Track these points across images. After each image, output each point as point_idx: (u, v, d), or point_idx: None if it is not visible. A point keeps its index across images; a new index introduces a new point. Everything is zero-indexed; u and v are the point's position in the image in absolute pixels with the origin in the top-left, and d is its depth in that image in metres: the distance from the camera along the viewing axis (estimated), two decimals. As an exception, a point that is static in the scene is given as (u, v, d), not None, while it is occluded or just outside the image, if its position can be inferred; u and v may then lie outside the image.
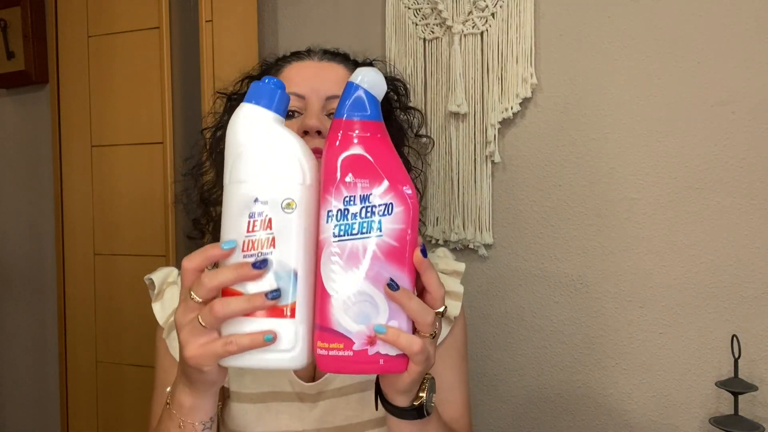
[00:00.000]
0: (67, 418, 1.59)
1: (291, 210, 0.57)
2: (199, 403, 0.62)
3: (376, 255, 0.56)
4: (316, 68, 0.83)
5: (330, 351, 0.56)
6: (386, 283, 0.56)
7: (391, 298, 0.56)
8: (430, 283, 0.58)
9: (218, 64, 1.33)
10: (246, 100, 0.60)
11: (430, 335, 0.58)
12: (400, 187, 0.57)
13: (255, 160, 0.58)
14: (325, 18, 1.37)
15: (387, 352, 0.56)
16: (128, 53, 1.47)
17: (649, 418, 1.11)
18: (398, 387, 0.61)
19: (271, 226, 0.57)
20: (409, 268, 0.57)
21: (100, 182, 1.52)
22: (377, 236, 0.56)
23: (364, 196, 0.57)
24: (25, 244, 1.79)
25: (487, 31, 1.18)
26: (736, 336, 1.00)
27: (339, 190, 0.57)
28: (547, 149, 1.16)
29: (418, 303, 0.57)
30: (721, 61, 1.03)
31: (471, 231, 1.21)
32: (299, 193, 0.58)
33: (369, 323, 0.56)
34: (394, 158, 0.59)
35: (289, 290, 0.56)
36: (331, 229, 0.56)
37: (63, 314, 1.58)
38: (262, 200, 0.57)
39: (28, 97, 1.76)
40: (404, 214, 0.57)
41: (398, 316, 0.57)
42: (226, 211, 0.59)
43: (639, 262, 1.10)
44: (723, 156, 1.04)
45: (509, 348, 1.22)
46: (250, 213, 0.57)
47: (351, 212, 0.56)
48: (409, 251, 0.57)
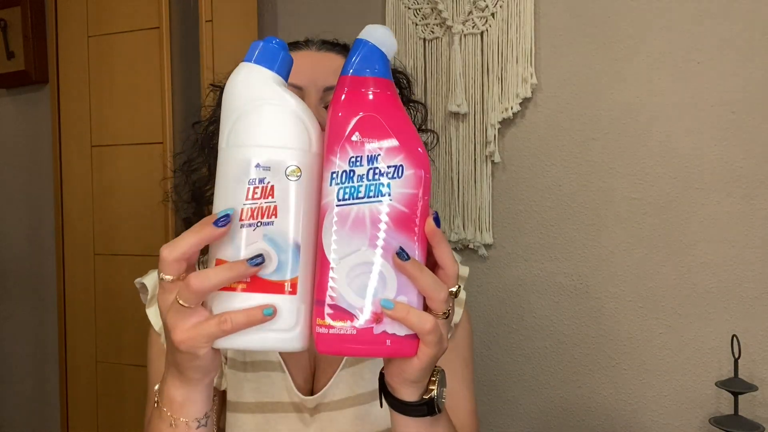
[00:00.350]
0: (67, 418, 1.59)
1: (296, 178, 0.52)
2: (191, 395, 0.56)
3: (385, 222, 0.50)
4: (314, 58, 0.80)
5: (330, 329, 0.50)
6: (395, 252, 0.50)
7: (400, 270, 0.50)
8: (443, 258, 0.52)
9: (218, 64, 1.33)
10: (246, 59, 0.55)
11: (443, 314, 0.51)
12: (411, 148, 0.51)
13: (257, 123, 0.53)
14: (326, 18, 1.37)
15: (395, 331, 0.50)
16: (128, 53, 1.47)
17: (649, 418, 1.11)
18: (407, 375, 0.53)
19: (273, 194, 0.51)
20: (420, 238, 0.51)
21: (100, 182, 1.52)
22: (386, 201, 0.50)
23: (371, 156, 0.51)
24: (25, 244, 1.79)
25: (487, 31, 1.18)
26: (736, 336, 1.00)
27: (344, 150, 0.51)
28: (547, 149, 1.16)
29: (431, 276, 0.50)
30: (721, 61, 1.03)
31: (471, 231, 1.21)
32: (305, 160, 0.53)
33: (375, 297, 0.50)
34: (404, 118, 0.53)
35: (290, 264, 0.51)
36: (335, 192, 0.51)
37: (63, 314, 1.58)
38: (264, 166, 0.51)
39: (28, 97, 1.76)
40: (415, 178, 0.51)
41: (408, 291, 0.50)
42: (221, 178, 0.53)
43: (639, 262, 1.10)
44: (723, 156, 1.04)
45: (509, 348, 1.21)
46: (250, 179, 0.51)
47: (357, 174, 0.51)
48: (421, 219, 0.51)
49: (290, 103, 0.54)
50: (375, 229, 0.50)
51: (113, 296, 1.51)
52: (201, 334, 0.49)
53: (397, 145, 0.51)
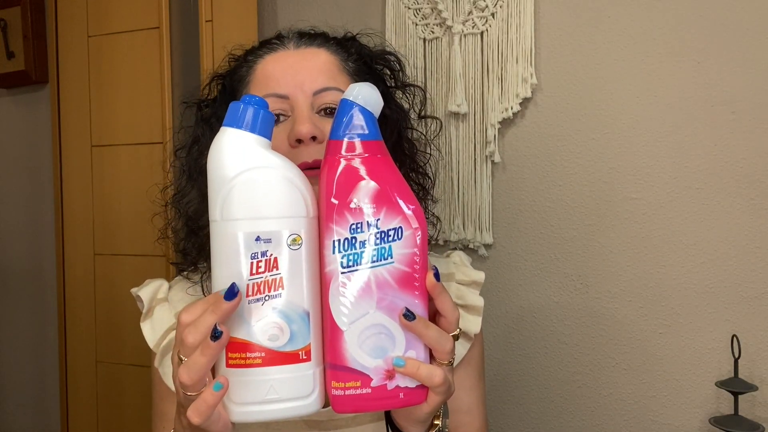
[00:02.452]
0: (67, 418, 1.59)
1: (298, 246, 0.52)
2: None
3: (389, 283, 0.53)
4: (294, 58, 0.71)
5: (346, 390, 0.52)
6: (402, 313, 0.52)
7: (407, 329, 0.53)
8: (444, 307, 0.55)
9: (218, 64, 1.32)
10: (226, 123, 0.54)
11: (448, 363, 0.54)
12: (408, 209, 0.53)
13: (250, 194, 0.52)
14: (325, 18, 1.37)
15: (406, 384, 0.53)
16: (128, 53, 1.47)
17: (649, 418, 1.11)
18: (415, 418, 0.57)
19: (278, 265, 0.51)
20: (422, 293, 0.54)
21: (100, 182, 1.52)
22: (388, 263, 0.52)
23: (371, 222, 0.52)
24: (25, 244, 1.79)
25: (487, 31, 1.18)
26: (736, 336, 1.00)
27: (344, 218, 0.52)
28: (547, 149, 1.16)
29: (436, 331, 0.53)
30: (721, 61, 1.03)
31: (471, 231, 1.21)
32: (305, 227, 0.53)
33: (386, 356, 0.53)
34: (398, 178, 0.55)
35: (304, 332, 0.52)
36: (339, 259, 0.52)
37: (63, 314, 1.58)
38: (265, 238, 0.51)
39: (28, 97, 1.76)
40: (414, 238, 0.53)
41: (415, 346, 0.53)
42: (219, 254, 0.52)
43: (639, 262, 1.10)
44: (723, 156, 1.04)
45: (509, 348, 1.21)
46: (252, 254, 0.51)
47: (359, 240, 0.52)
48: (421, 276, 0.53)
49: (280, 168, 0.54)
50: (381, 292, 0.52)
51: (113, 296, 1.51)
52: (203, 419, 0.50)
53: (394, 208, 0.53)
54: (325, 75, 0.70)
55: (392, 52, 0.83)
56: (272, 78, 0.70)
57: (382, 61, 0.81)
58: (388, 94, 0.79)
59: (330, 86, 0.70)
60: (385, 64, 0.81)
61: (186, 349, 0.50)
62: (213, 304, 0.50)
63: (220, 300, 0.50)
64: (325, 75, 0.70)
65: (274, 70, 0.71)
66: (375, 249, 0.52)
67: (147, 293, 0.80)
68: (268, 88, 0.70)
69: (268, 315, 0.51)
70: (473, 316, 0.78)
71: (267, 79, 0.71)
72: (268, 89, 0.70)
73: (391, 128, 0.76)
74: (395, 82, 0.82)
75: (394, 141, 0.77)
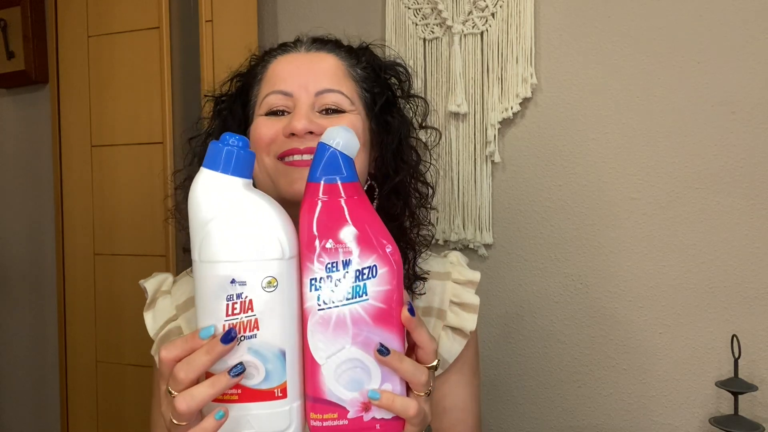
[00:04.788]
0: (67, 418, 1.59)
1: (273, 288, 0.53)
2: None
3: (364, 320, 0.54)
4: (303, 60, 0.77)
5: (324, 422, 0.55)
6: (376, 348, 0.54)
7: (382, 363, 0.55)
8: (420, 339, 0.57)
9: (218, 64, 1.33)
10: (204, 165, 0.55)
11: (425, 394, 0.56)
12: (382, 248, 0.55)
13: (225, 237, 0.53)
14: (325, 18, 1.37)
15: (383, 416, 0.55)
16: (128, 53, 1.47)
17: (649, 418, 1.11)
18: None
19: (252, 307, 0.53)
20: (397, 327, 0.55)
21: (100, 182, 1.52)
22: (363, 300, 0.54)
23: (346, 261, 0.54)
24: (25, 244, 1.79)
25: (487, 31, 1.18)
26: (736, 336, 1.00)
27: (321, 257, 0.54)
28: (547, 149, 1.16)
29: (411, 364, 0.55)
30: (721, 61, 1.03)
31: (471, 231, 1.21)
32: (279, 269, 0.54)
33: (362, 389, 0.55)
34: (374, 218, 0.57)
35: (279, 371, 0.54)
36: (315, 297, 0.54)
37: (63, 314, 1.58)
38: (240, 281, 0.53)
39: (28, 97, 1.76)
40: (389, 275, 0.55)
41: (391, 379, 0.55)
42: (200, 293, 0.54)
43: (639, 262, 1.10)
44: (723, 156, 1.04)
45: (509, 348, 1.21)
46: (227, 296, 0.53)
47: (335, 279, 0.54)
48: (396, 311, 0.55)
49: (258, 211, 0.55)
50: (356, 328, 0.54)
51: (113, 296, 1.51)
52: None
53: (369, 247, 0.55)
54: (329, 78, 0.75)
55: (402, 64, 0.87)
56: (280, 77, 0.75)
57: (391, 71, 0.85)
58: (392, 102, 0.83)
59: (332, 88, 0.74)
60: (393, 74, 0.85)
61: (177, 385, 0.53)
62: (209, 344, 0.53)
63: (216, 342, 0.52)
64: (329, 78, 0.75)
65: (283, 69, 0.76)
66: (350, 287, 0.54)
67: (152, 284, 0.84)
68: (276, 86, 0.75)
69: (244, 355, 0.53)
70: (469, 314, 0.80)
71: (276, 77, 0.76)
72: (275, 86, 0.75)
73: (392, 135, 0.80)
74: (401, 91, 0.86)
75: (394, 148, 0.80)
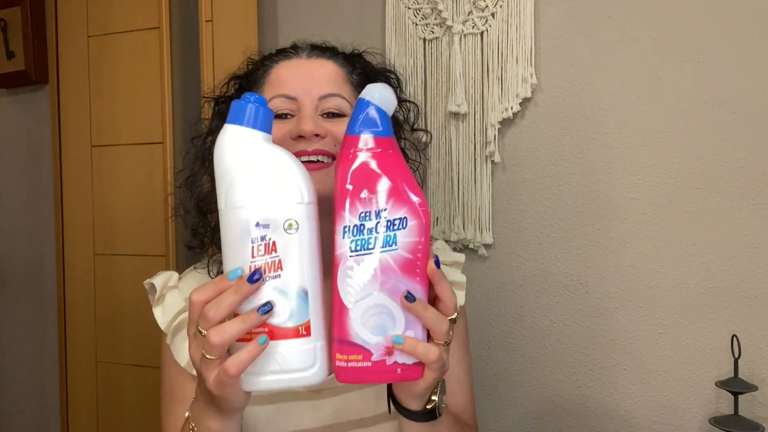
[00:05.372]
0: (67, 418, 1.59)
1: (293, 230, 0.57)
2: (227, 425, 0.63)
3: (392, 268, 0.58)
4: (305, 66, 0.80)
5: (349, 362, 0.58)
6: (403, 295, 0.57)
7: (407, 310, 0.58)
8: (443, 293, 0.59)
9: (218, 64, 1.33)
10: (229, 121, 0.59)
11: (444, 343, 0.59)
12: (413, 201, 0.58)
13: (249, 184, 0.58)
14: (325, 18, 1.37)
15: (404, 361, 0.58)
16: (128, 53, 1.47)
17: (649, 418, 1.11)
18: (413, 393, 0.62)
19: (276, 249, 0.57)
20: (422, 278, 0.58)
21: (100, 182, 1.52)
22: (393, 249, 0.58)
23: (379, 211, 0.58)
24: (25, 244, 1.79)
25: (487, 31, 1.18)
26: (736, 336, 1.00)
27: (354, 206, 0.58)
28: (547, 149, 1.16)
29: (434, 313, 0.58)
30: (721, 61, 1.03)
31: (471, 231, 1.21)
32: (300, 213, 0.58)
33: (386, 334, 0.58)
34: (407, 173, 0.60)
35: (302, 310, 0.57)
36: (348, 244, 0.58)
37: (63, 314, 1.58)
38: (263, 224, 0.57)
39: (28, 97, 1.76)
40: (418, 227, 0.58)
41: (414, 326, 0.58)
42: (226, 238, 0.58)
43: (639, 262, 1.10)
44: (723, 156, 1.04)
45: (509, 348, 1.21)
46: (252, 238, 0.57)
47: (367, 227, 0.58)
48: (423, 262, 0.58)
49: (278, 160, 0.59)
50: (384, 276, 0.58)
51: (113, 296, 1.51)
52: (223, 385, 0.57)
53: (401, 199, 0.58)
54: (331, 83, 0.78)
55: (392, 70, 0.92)
56: (284, 82, 0.78)
57: (383, 78, 0.89)
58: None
59: (335, 93, 0.77)
60: (384, 80, 0.88)
61: (207, 323, 0.56)
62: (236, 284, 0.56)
63: (243, 282, 0.56)
64: (331, 83, 0.78)
65: (287, 75, 0.79)
66: (382, 236, 0.57)
67: (159, 281, 0.87)
68: (280, 90, 0.77)
69: (270, 294, 0.57)
70: (457, 291, 0.85)
71: (279, 82, 0.79)
72: (279, 91, 0.77)
73: None
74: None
75: None
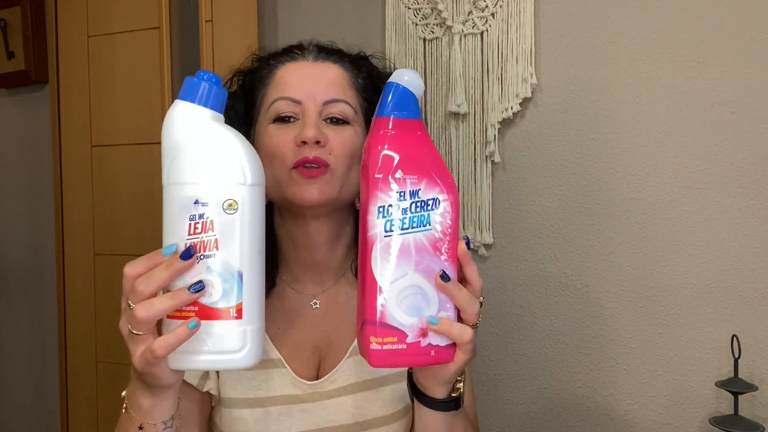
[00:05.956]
0: (67, 418, 1.59)
1: (233, 211, 0.57)
2: (158, 402, 0.62)
3: (426, 248, 0.58)
4: (311, 69, 0.79)
5: (384, 345, 0.57)
6: (438, 274, 0.57)
7: (441, 290, 0.58)
8: (471, 275, 0.60)
9: (218, 64, 1.33)
10: (180, 97, 0.59)
11: (474, 325, 0.59)
12: (445, 181, 0.59)
13: (192, 161, 0.57)
14: (326, 17, 1.37)
15: (438, 342, 0.58)
16: (128, 53, 1.47)
17: (649, 418, 1.11)
18: (442, 377, 0.62)
19: (213, 228, 0.56)
20: (453, 259, 0.59)
21: (100, 182, 1.52)
22: (426, 230, 0.58)
23: (413, 191, 0.58)
24: (25, 244, 1.79)
25: (487, 31, 1.18)
26: (736, 336, 1.00)
27: (389, 186, 0.58)
28: (547, 149, 1.16)
29: (466, 293, 0.58)
30: (721, 61, 1.03)
31: (471, 231, 1.21)
32: (241, 193, 0.57)
33: (421, 315, 0.58)
34: (436, 153, 0.60)
35: (235, 292, 0.56)
36: (382, 224, 0.58)
37: (63, 314, 1.58)
38: (203, 201, 0.56)
39: (28, 97, 1.76)
40: (450, 207, 0.59)
41: (447, 307, 0.58)
42: (165, 214, 0.58)
43: (639, 262, 1.10)
44: (723, 156, 1.04)
45: (509, 348, 1.21)
46: (190, 215, 0.56)
47: (401, 207, 0.58)
48: (453, 243, 0.59)
49: (224, 139, 0.59)
50: (419, 256, 0.58)
51: (113, 296, 1.50)
52: (148, 360, 0.55)
53: (433, 180, 0.59)
54: (336, 88, 0.77)
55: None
56: (290, 84, 0.77)
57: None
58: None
59: (338, 98, 0.77)
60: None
61: (136, 297, 0.55)
62: (169, 260, 0.56)
63: (176, 258, 0.55)
64: (336, 88, 0.77)
65: (292, 77, 0.78)
66: (416, 216, 0.58)
67: None
68: (285, 92, 0.76)
69: (202, 273, 0.56)
70: None
71: (285, 84, 0.78)
72: (284, 93, 0.76)
73: None
74: None
75: None
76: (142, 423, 0.62)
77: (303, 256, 0.81)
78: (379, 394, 0.79)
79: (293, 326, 0.81)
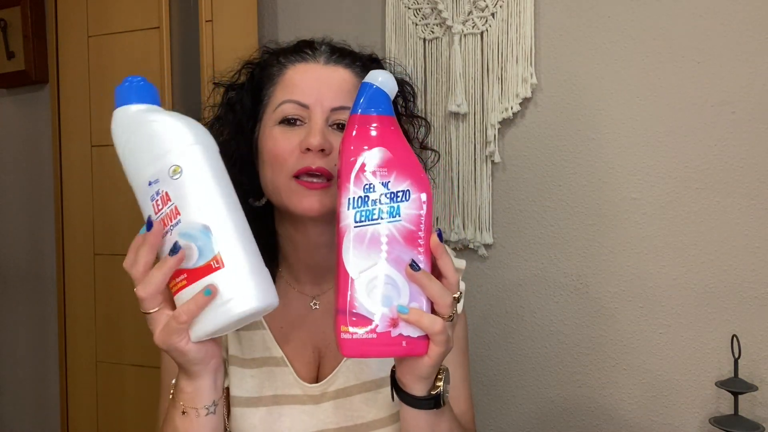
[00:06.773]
0: (67, 418, 1.59)
1: (179, 175, 0.59)
2: (198, 385, 0.64)
3: (396, 239, 0.59)
4: (321, 73, 0.78)
5: (354, 335, 0.58)
6: (408, 264, 0.58)
7: (412, 279, 0.58)
8: (445, 268, 0.60)
9: (218, 64, 1.33)
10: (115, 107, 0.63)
11: (448, 318, 0.59)
12: (415, 174, 0.60)
13: (134, 152, 0.62)
14: (326, 17, 1.37)
15: (409, 333, 0.59)
16: (128, 53, 1.47)
17: (649, 418, 1.11)
18: (418, 372, 0.61)
19: (170, 197, 0.59)
20: (426, 252, 0.59)
21: (100, 182, 1.52)
22: (396, 221, 0.59)
23: (383, 183, 0.59)
24: (25, 244, 1.79)
25: (487, 31, 1.18)
26: (736, 336, 1.00)
27: (359, 178, 0.59)
28: (547, 149, 1.16)
29: (438, 284, 0.58)
30: (721, 61, 1.03)
31: (471, 231, 1.21)
32: (180, 156, 0.60)
33: (391, 305, 0.58)
34: (407, 148, 0.62)
35: (208, 245, 0.58)
36: (352, 215, 0.59)
37: (63, 314, 1.58)
38: (153, 180, 0.60)
39: (28, 97, 1.76)
40: (420, 200, 0.59)
41: (418, 298, 0.59)
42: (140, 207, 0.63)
43: (639, 262, 1.10)
44: (723, 156, 1.04)
45: (509, 348, 1.22)
46: (150, 196, 0.60)
47: (371, 199, 0.59)
48: (426, 236, 0.59)
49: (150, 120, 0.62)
50: (389, 246, 0.59)
51: (113, 296, 1.51)
52: (169, 334, 0.59)
53: (403, 173, 0.60)
54: (344, 95, 0.77)
55: (409, 83, 0.90)
56: (298, 87, 0.77)
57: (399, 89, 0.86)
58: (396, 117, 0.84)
59: (346, 105, 0.75)
60: (400, 92, 0.87)
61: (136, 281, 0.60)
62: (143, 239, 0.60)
63: (146, 234, 0.60)
64: (344, 95, 0.77)
65: (302, 79, 0.78)
66: (385, 207, 0.59)
67: None
68: (293, 95, 0.76)
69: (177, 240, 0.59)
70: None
71: (294, 86, 0.77)
72: (292, 96, 0.76)
73: None
74: (405, 110, 0.89)
75: None
76: (185, 408, 0.65)
77: (302, 258, 0.81)
78: (377, 396, 0.78)
79: (295, 326, 0.81)
